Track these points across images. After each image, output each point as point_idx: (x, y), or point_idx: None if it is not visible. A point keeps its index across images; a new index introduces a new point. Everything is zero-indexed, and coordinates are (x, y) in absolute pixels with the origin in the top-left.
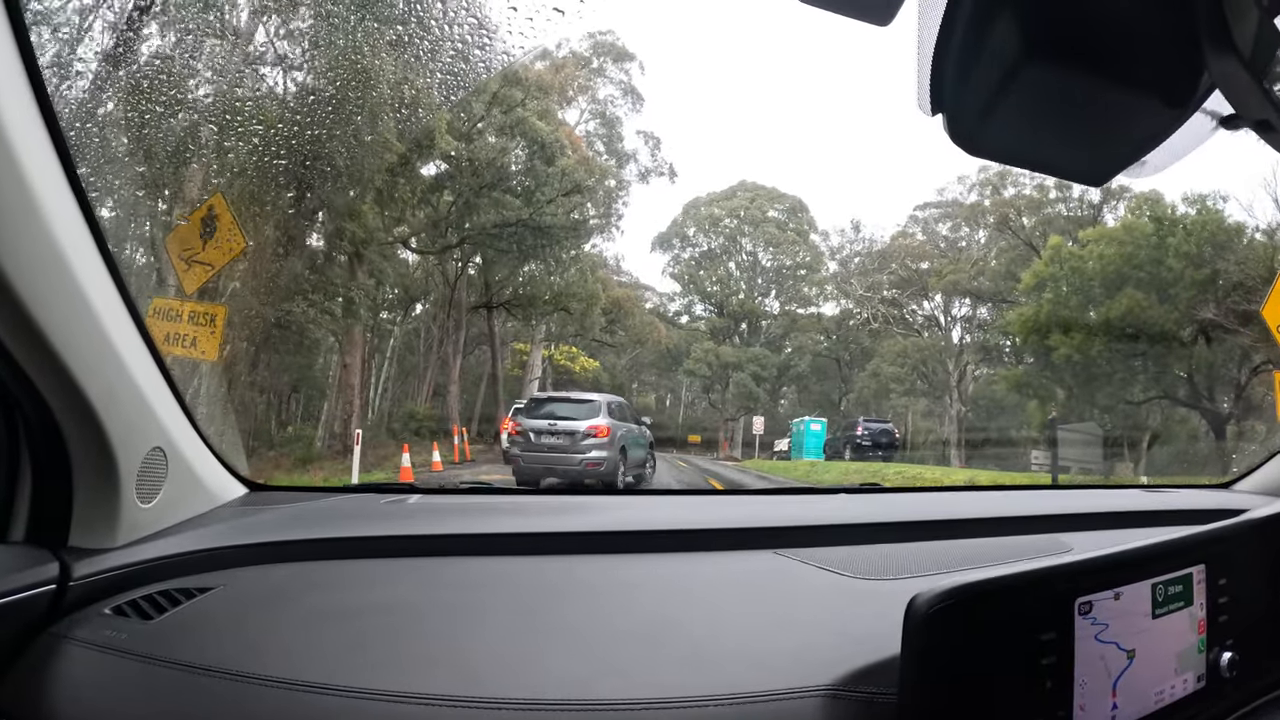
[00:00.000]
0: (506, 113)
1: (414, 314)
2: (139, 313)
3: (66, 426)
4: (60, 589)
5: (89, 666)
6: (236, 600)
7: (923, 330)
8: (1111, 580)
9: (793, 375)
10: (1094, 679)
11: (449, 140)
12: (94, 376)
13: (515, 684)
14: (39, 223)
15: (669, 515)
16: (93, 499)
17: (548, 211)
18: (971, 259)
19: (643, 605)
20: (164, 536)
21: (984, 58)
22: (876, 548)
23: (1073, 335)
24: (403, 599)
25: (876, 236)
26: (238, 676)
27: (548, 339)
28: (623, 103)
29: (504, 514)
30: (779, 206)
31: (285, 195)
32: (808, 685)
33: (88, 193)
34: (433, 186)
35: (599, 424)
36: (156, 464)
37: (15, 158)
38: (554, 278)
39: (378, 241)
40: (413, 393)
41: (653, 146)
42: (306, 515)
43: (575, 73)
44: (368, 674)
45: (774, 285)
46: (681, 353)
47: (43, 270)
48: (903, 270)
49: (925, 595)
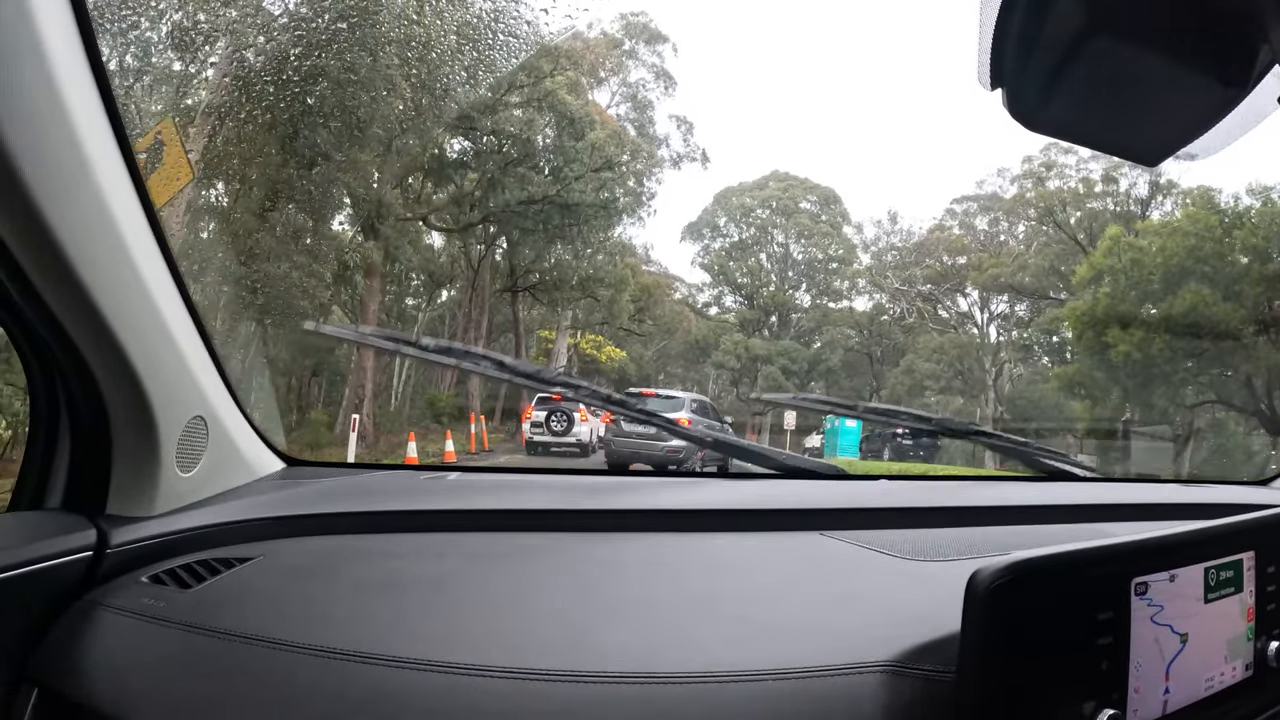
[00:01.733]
0: (534, 84)
1: (440, 300)
2: (183, 278)
3: (108, 391)
4: (97, 556)
5: (125, 633)
6: (277, 571)
7: (958, 327)
8: (1167, 562)
9: (822, 370)
10: (1148, 662)
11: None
12: (138, 340)
13: (572, 656)
14: (91, 182)
15: (712, 495)
16: (132, 466)
17: (576, 188)
18: (1013, 253)
19: (694, 582)
20: (202, 507)
21: (1046, 33)
22: (922, 531)
23: (1132, 332)
24: (449, 572)
25: (913, 229)
26: (283, 645)
27: (574, 326)
28: (654, 86)
29: (547, 491)
30: (812, 197)
31: (273, 135)
32: (866, 660)
33: (134, 151)
34: (455, 163)
35: (682, 417)
36: (197, 433)
37: (66, 111)
38: (582, 261)
39: (381, 202)
40: (436, 379)
41: (685, 131)
42: (345, 490)
43: (607, 53)
44: (419, 645)
45: (805, 278)
46: (710, 344)
47: (92, 231)
48: (938, 265)
49: (987, 569)
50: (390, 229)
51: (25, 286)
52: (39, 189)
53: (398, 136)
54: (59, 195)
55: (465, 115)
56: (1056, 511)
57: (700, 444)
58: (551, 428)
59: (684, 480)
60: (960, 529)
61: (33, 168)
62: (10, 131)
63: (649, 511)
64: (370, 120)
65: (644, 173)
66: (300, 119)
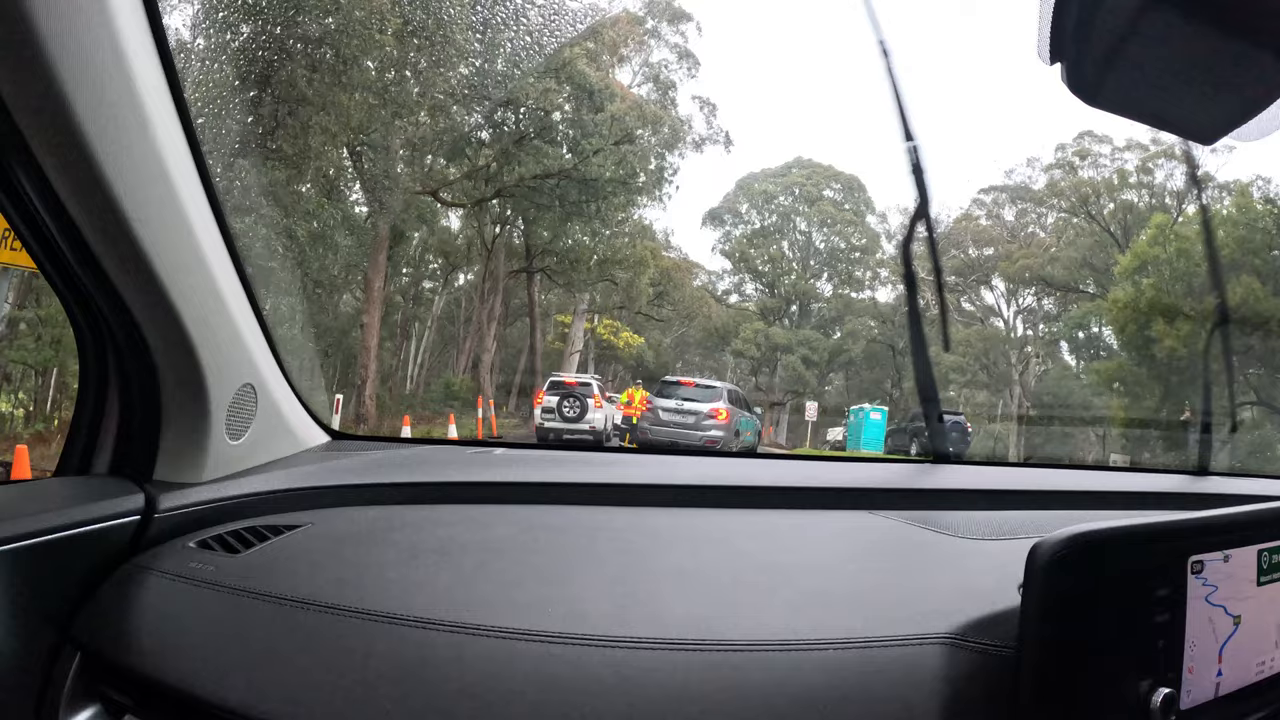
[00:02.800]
0: (552, 53)
1: (458, 285)
2: (235, 245)
3: (161, 358)
4: (144, 521)
5: (173, 597)
6: (327, 538)
7: (984, 319)
8: (1222, 541)
9: (843, 360)
10: (1203, 642)
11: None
12: (193, 308)
13: (631, 624)
14: (151, 149)
15: (762, 473)
16: (182, 432)
17: (594, 162)
18: (1043, 245)
19: (750, 554)
20: (250, 475)
21: (1106, 8)
22: (974, 513)
23: (1178, 325)
24: (502, 541)
25: (939, 218)
26: (336, 609)
27: (591, 309)
28: (678, 67)
29: (594, 466)
30: (835, 185)
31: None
32: (926, 633)
33: (193, 118)
34: (468, 136)
35: (719, 407)
36: (246, 401)
37: (129, 72)
38: (599, 242)
39: (388, 174)
40: (452, 363)
41: (709, 113)
42: (393, 461)
43: (629, 30)
44: (476, 611)
45: (827, 267)
46: (729, 332)
47: (152, 200)
48: (963, 255)
49: (1048, 541)
50: (395, 200)
51: (85, 255)
52: (102, 156)
53: (399, 102)
54: (120, 161)
55: (479, 86)
56: (1101, 497)
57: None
58: (564, 413)
59: (730, 460)
60: (1009, 511)
61: (96, 135)
62: (74, 93)
63: (699, 487)
64: (362, 82)
65: (667, 145)
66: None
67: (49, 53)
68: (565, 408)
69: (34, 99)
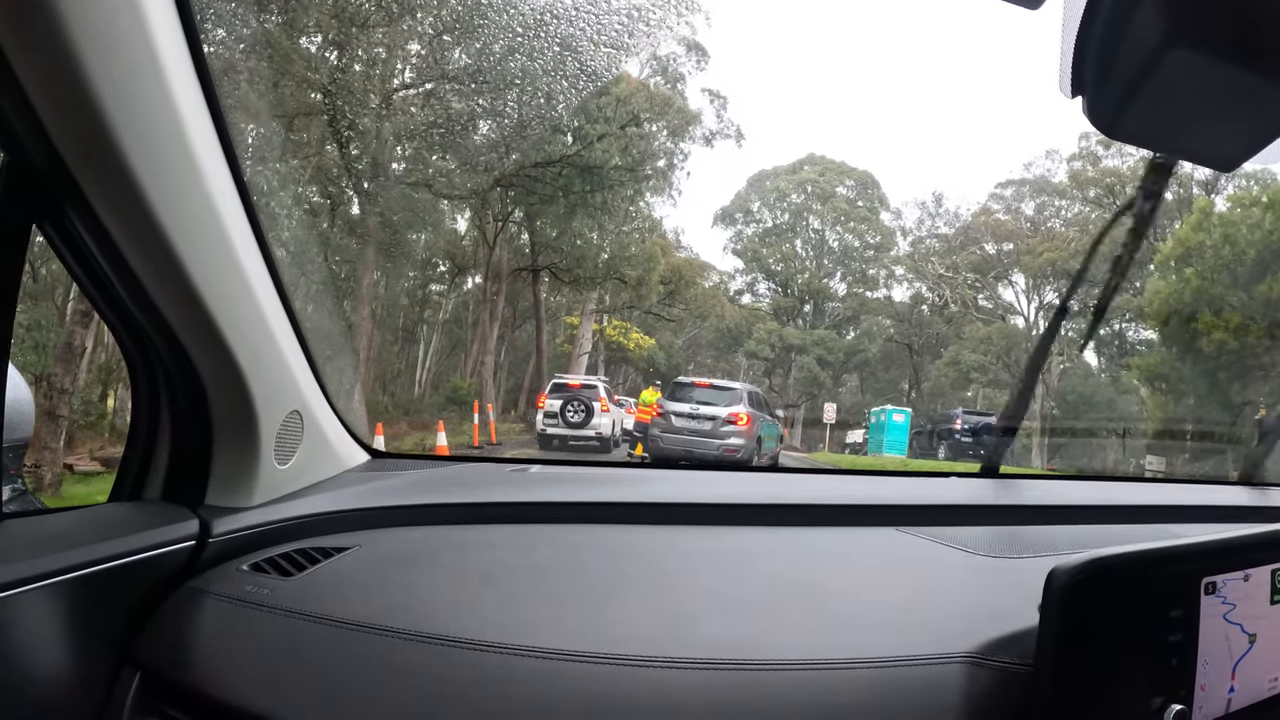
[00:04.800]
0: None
1: (466, 288)
2: (280, 274)
3: (212, 389)
4: (199, 545)
5: (230, 619)
6: (375, 560)
7: (1005, 316)
8: (1237, 562)
9: (859, 361)
10: (1216, 660)
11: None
12: (243, 339)
13: (667, 644)
14: (201, 188)
15: (789, 490)
16: (232, 459)
17: (599, 148)
18: (1066, 238)
19: (780, 574)
20: (298, 497)
21: (1127, 43)
22: (996, 529)
23: (1226, 317)
24: (542, 562)
25: (959, 212)
26: (388, 631)
27: (599, 308)
28: (686, 60)
29: (627, 485)
30: (849, 181)
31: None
32: (948, 652)
33: (239, 156)
34: (462, 121)
35: (739, 411)
36: (293, 427)
37: (180, 119)
38: (606, 237)
39: (376, 162)
40: (460, 366)
41: (719, 106)
42: (433, 481)
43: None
44: (522, 632)
45: (841, 265)
46: (742, 333)
47: (203, 237)
48: (980, 251)
49: (1065, 566)
50: (378, 187)
51: (139, 293)
52: (155, 197)
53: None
54: (175, 204)
55: (475, 69)
56: (1127, 512)
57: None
58: (568, 418)
59: (759, 475)
60: (1036, 527)
61: (149, 176)
62: (128, 140)
63: (730, 506)
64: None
65: (676, 132)
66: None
67: (107, 111)
68: (569, 412)
69: (98, 166)
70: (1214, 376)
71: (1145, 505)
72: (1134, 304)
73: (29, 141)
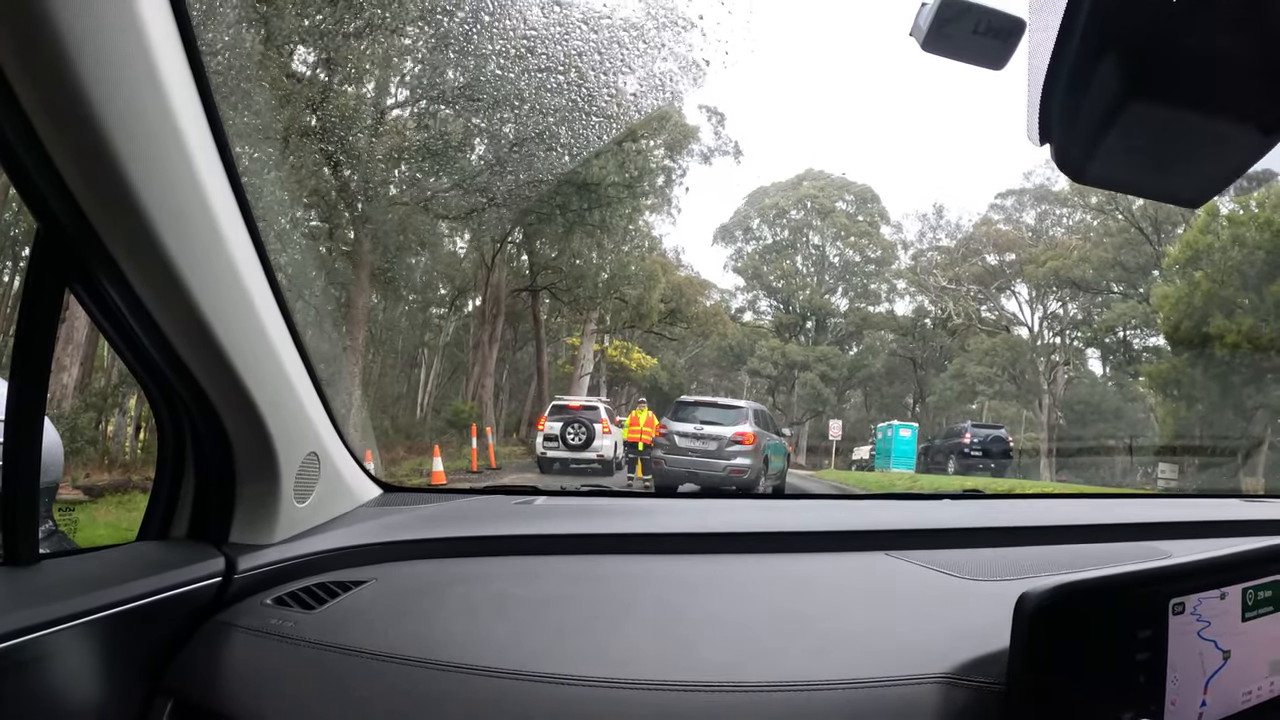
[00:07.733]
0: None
1: (467, 311)
2: (297, 326)
3: (234, 432)
4: (225, 581)
5: (258, 650)
6: (392, 592)
7: (1009, 327)
8: (1211, 582)
9: (863, 376)
10: (1187, 676)
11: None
12: (262, 387)
13: (671, 669)
14: (220, 243)
15: (786, 519)
16: (255, 499)
17: (595, 164)
18: (1069, 246)
19: (774, 600)
20: (317, 533)
21: (1090, 94)
22: (981, 551)
23: (1239, 320)
24: (551, 593)
25: (960, 223)
26: (408, 660)
27: (600, 328)
28: (681, 77)
29: (628, 515)
30: (848, 196)
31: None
32: (925, 673)
33: (249, 199)
34: (456, 140)
35: (745, 431)
36: (311, 467)
37: (202, 188)
38: (605, 254)
39: (368, 181)
40: (462, 390)
41: (716, 123)
42: (443, 515)
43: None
44: (536, 660)
45: (842, 280)
46: (744, 351)
47: (226, 294)
48: (981, 263)
49: (1033, 593)
50: (372, 209)
51: (168, 351)
52: (183, 263)
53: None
54: (199, 266)
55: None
56: (1115, 530)
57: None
58: (568, 441)
59: (758, 503)
60: (1021, 548)
61: (175, 242)
62: (155, 211)
63: (730, 535)
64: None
65: (674, 146)
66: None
67: (135, 186)
68: (570, 434)
69: (125, 233)
70: (1226, 381)
71: (1135, 523)
72: (1140, 310)
73: (61, 211)
